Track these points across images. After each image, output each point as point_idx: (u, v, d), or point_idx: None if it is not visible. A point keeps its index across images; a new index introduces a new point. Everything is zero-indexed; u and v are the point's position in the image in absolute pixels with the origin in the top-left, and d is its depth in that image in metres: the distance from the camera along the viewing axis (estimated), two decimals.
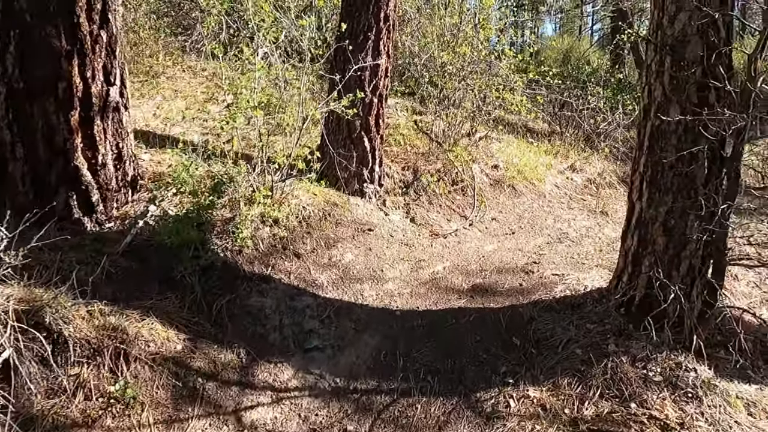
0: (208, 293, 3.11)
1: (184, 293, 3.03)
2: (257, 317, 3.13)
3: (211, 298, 3.10)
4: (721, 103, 3.11)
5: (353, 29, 4.65)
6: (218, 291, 3.16)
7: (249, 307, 3.16)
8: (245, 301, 3.18)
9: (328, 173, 4.88)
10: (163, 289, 3.01)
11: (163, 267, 3.12)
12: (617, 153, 8.58)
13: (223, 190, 3.53)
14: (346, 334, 3.24)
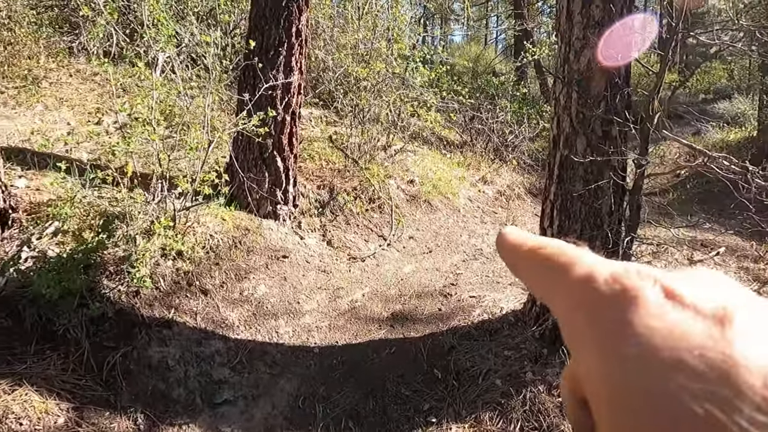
0: (99, 348, 2.73)
1: (68, 351, 2.63)
2: (158, 371, 2.80)
3: (102, 353, 2.72)
4: (623, 137, 3.29)
5: (263, 44, 4.38)
6: (111, 344, 2.78)
7: (148, 360, 2.81)
8: (144, 352, 2.83)
9: (238, 195, 4.58)
10: (41, 349, 2.59)
11: (41, 321, 2.68)
12: (524, 164, 9.00)
13: (115, 226, 3.13)
14: (260, 380, 3.00)
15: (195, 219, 3.90)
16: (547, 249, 0.28)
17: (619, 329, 0.21)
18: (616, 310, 0.22)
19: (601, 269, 0.24)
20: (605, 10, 3.20)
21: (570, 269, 0.25)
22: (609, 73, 3.20)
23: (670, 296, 0.21)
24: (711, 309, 0.20)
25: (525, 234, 0.30)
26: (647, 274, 0.23)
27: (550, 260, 0.27)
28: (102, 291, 2.96)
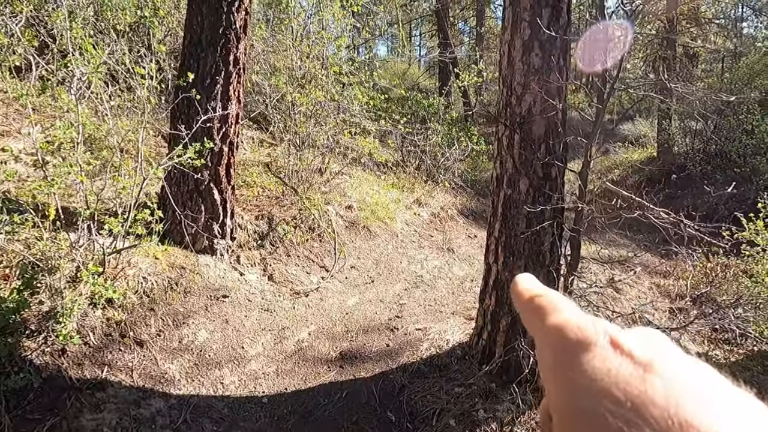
0: (22, 423, 2.41)
1: None
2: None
3: (25, 428, 2.41)
4: (562, 179, 3.47)
5: (199, 72, 4.18)
6: (36, 416, 2.48)
7: (80, 430, 2.54)
8: (74, 422, 2.55)
9: (172, 230, 4.31)
10: None
11: None
12: (455, 186, 9.27)
13: (37, 278, 2.81)
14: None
15: (126, 261, 3.61)
16: (541, 298, 0.35)
17: (574, 366, 0.28)
18: (574, 352, 0.29)
19: (573, 319, 0.31)
20: (544, 59, 3.38)
21: (551, 316, 0.33)
22: (549, 118, 3.38)
23: (614, 345, 0.29)
24: (641, 357, 0.28)
25: (530, 283, 0.37)
26: (603, 328, 0.30)
27: (540, 307, 0.34)
28: (23, 354, 2.64)
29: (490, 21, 24.82)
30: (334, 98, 6.12)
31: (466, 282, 5.74)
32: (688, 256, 5.64)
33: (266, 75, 6.50)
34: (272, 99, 6.36)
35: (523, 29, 3.41)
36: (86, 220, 3.21)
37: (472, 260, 6.52)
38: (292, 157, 6.07)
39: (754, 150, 9.65)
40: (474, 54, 15.78)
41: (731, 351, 4.69)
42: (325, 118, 6.27)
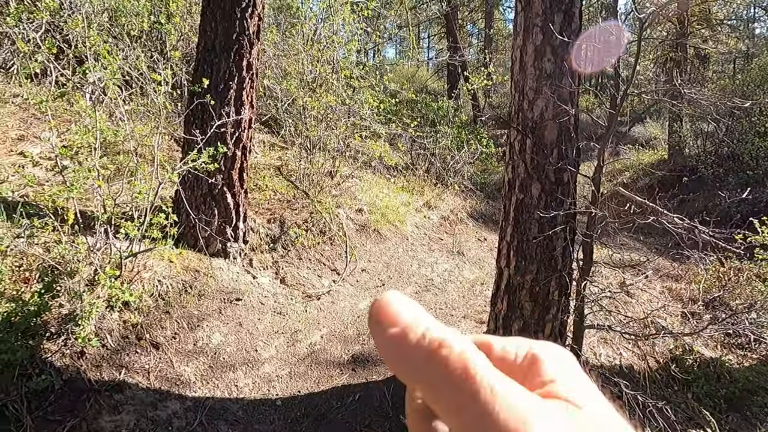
0: (43, 424, 2.46)
1: (8, 430, 2.36)
2: None
3: (47, 428, 2.46)
4: (574, 183, 3.48)
5: (213, 78, 4.23)
6: (56, 417, 2.52)
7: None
8: (93, 424, 2.59)
9: (186, 234, 4.36)
10: None
11: None
12: (465, 188, 9.27)
13: (57, 281, 2.86)
14: None
15: (141, 264, 3.67)
16: (447, 349, 0.30)
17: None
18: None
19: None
20: (556, 64, 3.39)
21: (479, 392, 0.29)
22: (561, 123, 3.38)
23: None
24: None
25: (413, 311, 0.30)
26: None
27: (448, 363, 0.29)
28: (44, 356, 2.69)
29: (499, 23, 24.81)
30: (344, 102, 6.15)
31: (476, 285, 5.74)
32: (701, 260, 5.61)
33: (277, 79, 6.55)
34: (284, 103, 6.41)
35: (535, 34, 3.42)
36: (103, 224, 3.27)
37: (482, 263, 6.52)
38: (303, 160, 6.11)
39: (766, 152, 9.57)
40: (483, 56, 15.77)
41: (744, 356, 4.66)
42: (336, 122, 6.30)
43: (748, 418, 3.97)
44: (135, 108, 5.39)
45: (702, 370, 4.22)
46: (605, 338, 4.28)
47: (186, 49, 7.21)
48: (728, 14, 16.74)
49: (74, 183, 2.98)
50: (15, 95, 6.00)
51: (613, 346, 4.41)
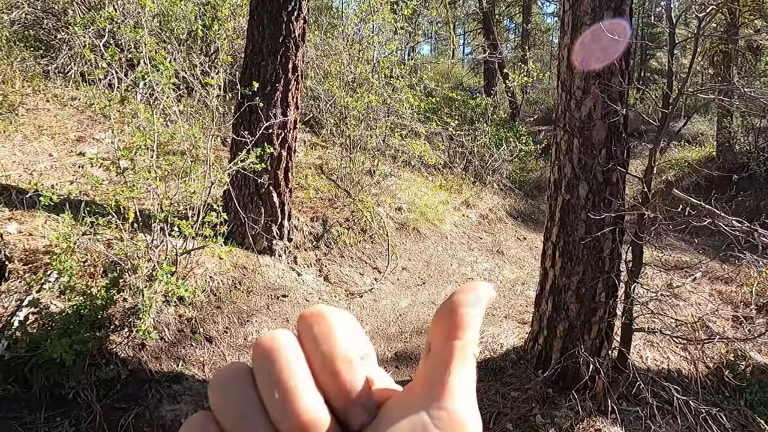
0: (110, 411, 2.62)
1: (80, 416, 2.52)
2: (172, 431, 2.71)
3: (114, 416, 2.61)
4: (623, 183, 3.42)
5: (260, 80, 4.35)
6: (122, 405, 2.68)
7: (161, 420, 2.72)
8: (156, 412, 2.74)
9: (235, 231, 4.51)
10: (51, 416, 2.47)
11: (49, 385, 2.56)
12: (503, 187, 9.19)
13: (121, 276, 3.03)
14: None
15: (194, 261, 3.82)
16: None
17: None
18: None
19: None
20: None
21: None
22: (610, 122, 3.33)
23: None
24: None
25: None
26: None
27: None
28: (110, 348, 2.86)
29: (537, 17, 24.36)
30: (385, 102, 6.21)
31: (517, 285, 5.71)
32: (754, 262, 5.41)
33: (319, 79, 6.66)
34: (326, 103, 6.51)
35: (584, 33, 3.38)
36: (160, 222, 3.42)
37: (523, 263, 6.47)
38: (344, 159, 6.20)
39: None
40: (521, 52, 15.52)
41: None
42: (376, 121, 6.37)
43: None
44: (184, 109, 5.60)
45: (756, 376, 4.08)
46: (651, 341, 4.19)
47: (230, 50, 7.42)
48: None
49: (135, 183, 3.14)
50: (73, 98, 6.32)
51: (661, 350, 4.31)
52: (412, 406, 0.28)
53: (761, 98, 2.64)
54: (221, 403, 0.28)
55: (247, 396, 0.28)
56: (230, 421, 0.28)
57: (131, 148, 3.33)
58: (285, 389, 0.27)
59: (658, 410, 3.44)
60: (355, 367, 0.29)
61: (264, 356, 0.28)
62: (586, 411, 3.26)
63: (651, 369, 4.04)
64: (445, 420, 0.27)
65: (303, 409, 0.27)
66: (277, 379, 0.28)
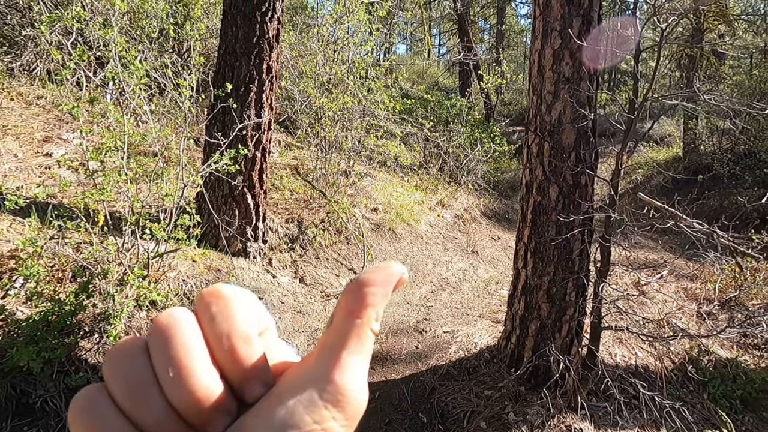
0: None
1: (48, 425, 2.47)
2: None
3: None
4: (592, 186, 3.52)
5: (233, 81, 4.31)
6: None
7: None
8: None
9: (208, 233, 4.46)
10: (18, 425, 2.41)
11: (15, 394, 2.50)
12: (478, 187, 9.31)
13: (92, 281, 2.97)
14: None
15: (167, 264, 3.77)
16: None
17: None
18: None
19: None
20: (574, 68, 3.42)
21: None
22: (579, 127, 3.42)
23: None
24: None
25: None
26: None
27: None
28: (80, 354, 2.80)
29: (511, 19, 24.70)
30: (361, 102, 6.22)
31: (491, 285, 5.79)
32: (717, 260, 5.61)
33: (294, 80, 6.63)
34: (301, 104, 6.49)
35: (553, 38, 3.46)
36: (131, 225, 3.37)
37: (497, 263, 6.57)
38: (319, 160, 6.19)
39: None
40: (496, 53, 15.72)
41: (761, 357, 4.67)
42: (351, 122, 6.37)
43: (765, 419, 3.99)
44: (156, 110, 5.50)
45: (718, 370, 4.24)
46: (620, 338, 4.32)
47: (203, 50, 7.32)
48: (745, 8, 16.52)
49: (105, 186, 3.08)
50: (39, 97, 6.15)
51: (628, 346, 4.44)
52: (304, 378, 0.29)
53: (719, 104, 2.75)
54: (115, 376, 0.28)
55: (142, 370, 0.28)
56: (123, 393, 0.28)
57: (101, 150, 3.25)
58: (179, 366, 0.28)
59: (625, 405, 3.55)
60: (252, 344, 0.30)
61: (160, 333, 0.29)
62: (556, 408, 3.34)
63: (619, 365, 4.16)
64: (332, 393, 0.28)
65: (196, 385, 0.28)
66: (171, 356, 0.28)
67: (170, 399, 0.28)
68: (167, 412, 0.28)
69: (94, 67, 6.51)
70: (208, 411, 0.28)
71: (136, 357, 0.29)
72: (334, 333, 0.30)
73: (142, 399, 0.28)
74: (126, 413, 0.28)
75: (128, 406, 0.28)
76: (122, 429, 0.27)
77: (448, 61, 23.70)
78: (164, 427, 0.28)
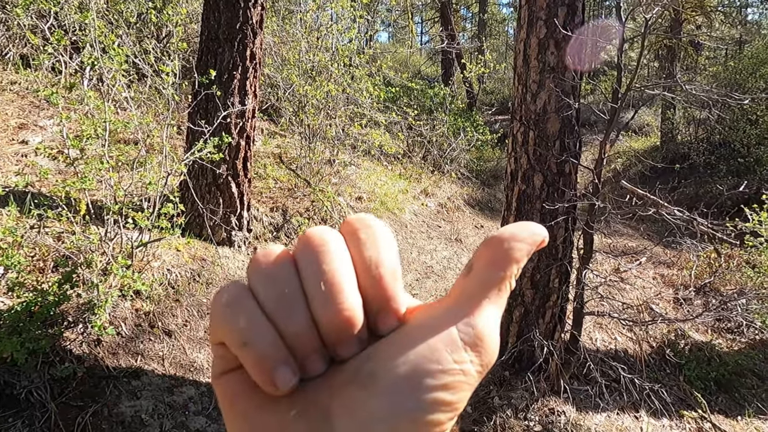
0: (66, 409, 2.55)
1: (33, 415, 2.44)
2: (132, 427, 2.66)
3: (70, 414, 2.54)
4: (576, 174, 3.57)
5: (216, 67, 4.24)
6: (79, 403, 2.61)
7: (120, 417, 2.67)
8: (114, 409, 2.68)
9: (192, 222, 4.41)
10: (2, 417, 2.38)
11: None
12: (461, 176, 9.36)
13: (75, 271, 2.92)
14: None
15: (151, 253, 3.73)
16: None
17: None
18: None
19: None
20: (559, 57, 3.46)
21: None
22: (563, 116, 3.46)
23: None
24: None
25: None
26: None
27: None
28: (64, 345, 2.76)
29: (493, 7, 24.70)
30: (345, 90, 6.19)
31: None
32: (693, 247, 5.77)
33: (277, 67, 6.55)
34: (284, 92, 6.42)
35: (538, 28, 3.48)
36: (114, 214, 3.31)
37: None
38: (304, 149, 6.15)
39: (758, 140, 9.72)
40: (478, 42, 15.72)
41: (734, 340, 4.84)
42: (336, 110, 6.34)
43: (737, 400, 4.14)
44: (136, 96, 5.40)
45: (694, 354, 4.39)
46: (601, 323, 4.43)
47: (184, 35, 7.17)
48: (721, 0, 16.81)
49: (86, 174, 3.02)
50: (12, 82, 5.97)
51: (609, 331, 4.56)
52: (442, 317, 0.29)
53: (698, 93, 2.82)
54: (265, 280, 0.29)
55: (293, 278, 0.29)
56: (271, 297, 0.28)
57: (81, 137, 3.18)
58: (332, 282, 0.28)
59: (606, 388, 3.65)
60: (397, 277, 0.30)
61: (313, 248, 0.29)
62: (540, 391, 3.42)
63: (600, 350, 4.27)
64: (471, 336, 0.28)
65: (346, 304, 0.28)
66: (325, 270, 0.28)
67: (315, 313, 0.28)
68: (309, 325, 0.28)
69: (70, 52, 6.33)
70: (348, 332, 0.28)
71: (287, 265, 0.29)
72: (476, 280, 0.30)
73: (290, 306, 0.28)
74: (269, 317, 0.28)
75: (273, 311, 0.28)
76: (267, 329, 0.28)
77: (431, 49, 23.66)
78: (302, 339, 0.28)
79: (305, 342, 0.28)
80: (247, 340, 0.27)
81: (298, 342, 0.28)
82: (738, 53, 14.41)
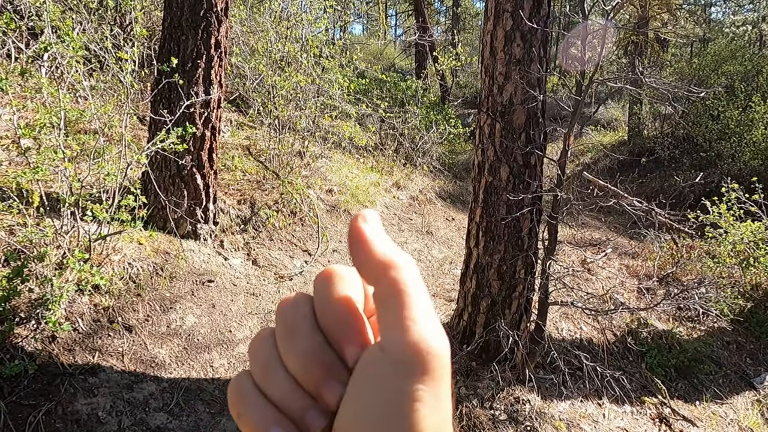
0: (17, 408, 2.45)
1: None
2: (88, 425, 2.58)
3: (21, 414, 2.44)
4: (541, 166, 3.61)
5: (179, 56, 4.13)
6: (30, 401, 2.51)
7: (76, 415, 2.58)
8: (69, 407, 2.59)
9: (155, 215, 4.30)
10: None
11: None
12: (433, 169, 9.39)
13: (27, 266, 2.80)
14: (200, 422, 2.89)
15: (111, 247, 3.62)
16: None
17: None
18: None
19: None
20: (525, 49, 3.48)
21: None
22: (529, 108, 3.49)
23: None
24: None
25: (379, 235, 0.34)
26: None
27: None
28: (15, 342, 2.65)
29: (466, 1, 24.80)
30: (314, 81, 6.11)
31: (445, 264, 5.89)
32: (656, 238, 5.92)
33: (245, 57, 6.42)
34: (252, 82, 6.30)
35: (505, 20, 3.49)
36: (70, 206, 3.19)
37: (451, 243, 6.67)
38: (272, 140, 6.06)
39: (719, 135, 10.03)
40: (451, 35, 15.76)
41: (693, 328, 4.99)
42: (305, 102, 6.26)
43: (695, 385, 4.28)
44: (96, 85, 5.20)
45: (655, 341, 4.51)
46: (567, 313, 4.51)
47: (146, 23, 6.95)
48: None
49: (40, 164, 2.90)
50: None
51: (574, 321, 4.65)
52: (383, 370, 0.28)
53: (661, 87, 2.87)
54: (251, 357, 0.33)
55: (268, 347, 0.32)
56: (255, 371, 0.32)
57: (34, 126, 3.05)
58: (290, 337, 0.31)
59: (570, 376, 3.72)
60: (347, 313, 0.32)
61: (279, 319, 0.33)
62: (506, 381, 3.46)
63: (565, 339, 4.34)
64: (412, 365, 0.27)
65: (303, 352, 0.30)
66: (285, 328, 0.32)
67: (290, 370, 0.31)
68: (292, 386, 0.31)
69: (26, 38, 6.07)
70: (319, 378, 0.30)
71: (266, 338, 0.33)
72: (381, 301, 0.30)
73: (269, 372, 0.31)
74: (261, 390, 0.31)
75: (260, 381, 0.32)
76: (257, 398, 0.31)
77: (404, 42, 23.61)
78: (289, 398, 0.31)
79: (296, 400, 0.30)
80: (240, 411, 0.31)
81: (289, 402, 0.30)
82: (702, 50, 14.82)
